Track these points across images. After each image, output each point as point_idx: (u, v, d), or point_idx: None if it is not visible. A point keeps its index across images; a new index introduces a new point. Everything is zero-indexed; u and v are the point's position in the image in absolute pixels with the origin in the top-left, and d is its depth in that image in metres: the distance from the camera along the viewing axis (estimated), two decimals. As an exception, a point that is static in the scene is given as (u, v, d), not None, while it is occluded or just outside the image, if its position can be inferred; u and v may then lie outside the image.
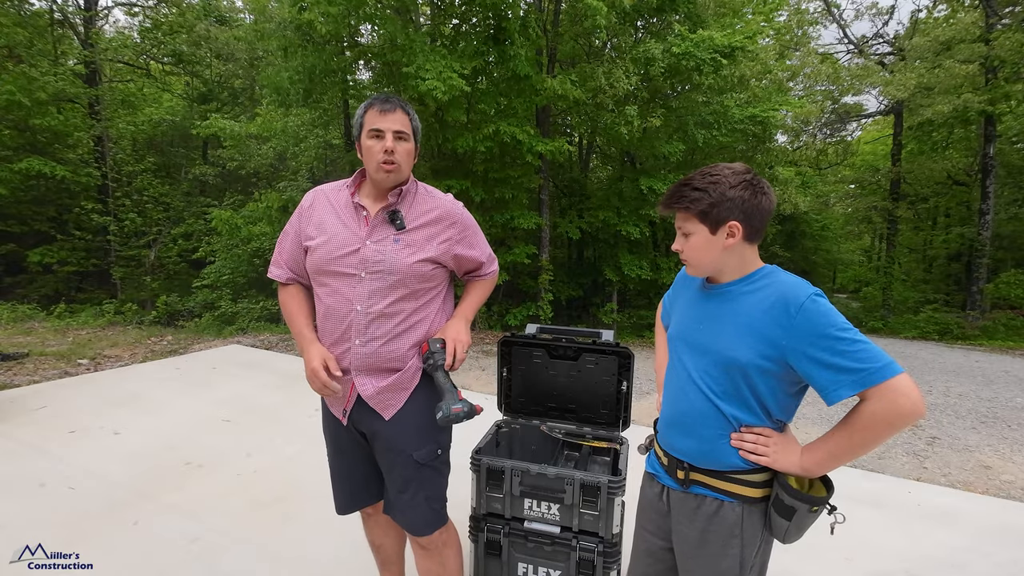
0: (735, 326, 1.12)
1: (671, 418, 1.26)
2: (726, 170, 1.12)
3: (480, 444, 1.95)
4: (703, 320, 1.20)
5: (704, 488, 1.19)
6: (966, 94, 11.16)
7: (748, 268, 1.16)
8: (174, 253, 12.70)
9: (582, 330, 2.10)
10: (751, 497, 1.15)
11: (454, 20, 8.61)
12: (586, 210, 10.49)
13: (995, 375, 6.72)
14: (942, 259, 17.50)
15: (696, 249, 1.15)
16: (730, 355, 1.11)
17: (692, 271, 1.22)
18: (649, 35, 8.67)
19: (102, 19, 13.27)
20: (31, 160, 10.65)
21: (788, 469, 1.11)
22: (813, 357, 1.02)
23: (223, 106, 13.45)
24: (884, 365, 0.97)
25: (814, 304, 1.03)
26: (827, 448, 1.08)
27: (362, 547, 2.26)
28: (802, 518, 1.11)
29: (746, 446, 1.13)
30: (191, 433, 3.51)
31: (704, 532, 1.18)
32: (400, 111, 1.44)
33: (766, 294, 1.10)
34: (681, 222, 1.16)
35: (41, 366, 5.14)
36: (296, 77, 7.61)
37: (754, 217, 1.12)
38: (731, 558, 1.16)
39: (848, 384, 0.99)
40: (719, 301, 1.18)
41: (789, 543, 1.17)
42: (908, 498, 2.97)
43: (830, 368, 1.01)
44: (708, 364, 1.16)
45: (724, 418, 1.14)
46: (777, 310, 1.06)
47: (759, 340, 1.08)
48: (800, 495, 1.09)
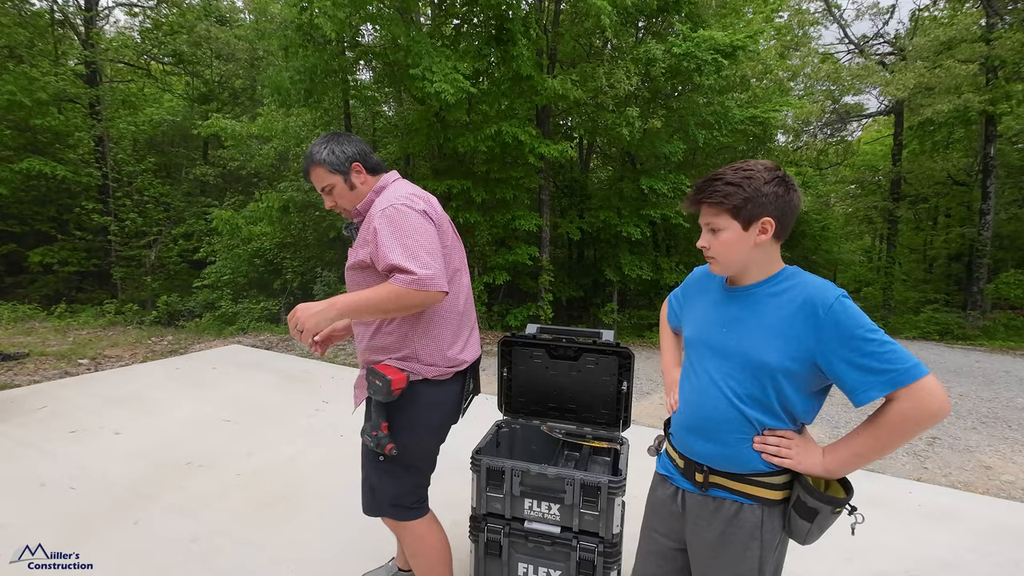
0: (763, 328, 1.11)
1: (690, 422, 1.24)
2: (759, 165, 1.11)
3: (480, 444, 1.94)
4: (727, 323, 1.18)
5: (724, 491, 1.18)
6: (967, 94, 11.14)
7: (773, 268, 1.15)
8: (174, 253, 12.72)
9: (582, 330, 2.09)
10: (771, 499, 1.15)
11: (455, 20, 8.61)
12: (587, 210, 10.49)
13: (995, 375, 6.71)
14: (942, 259, 17.49)
15: (726, 245, 1.12)
16: (759, 358, 1.10)
17: (718, 269, 1.18)
18: (650, 35, 8.67)
19: (103, 19, 13.29)
20: (32, 160, 10.67)
21: (811, 471, 1.11)
22: (843, 358, 1.02)
23: (223, 106, 13.46)
24: (913, 366, 0.98)
25: (842, 306, 1.03)
26: (852, 449, 1.08)
27: (362, 547, 2.26)
28: (824, 519, 1.11)
29: (769, 449, 1.12)
30: (191, 433, 3.51)
31: (723, 535, 1.17)
32: (312, 168, 1.59)
33: (792, 295, 1.09)
34: (710, 217, 1.13)
35: (42, 366, 5.15)
36: (297, 77, 7.61)
37: (786, 214, 1.11)
38: (750, 560, 1.16)
39: (878, 385, 1.00)
40: (743, 303, 1.16)
41: (808, 545, 1.17)
42: (909, 498, 2.96)
43: (860, 369, 1.01)
44: (733, 368, 1.14)
45: (748, 422, 1.13)
46: (806, 312, 1.06)
47: (788, 342, 1.07)
48: (824, 497, 1.09)
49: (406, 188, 1.59)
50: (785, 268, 1.16)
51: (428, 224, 1.49)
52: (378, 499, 1.66)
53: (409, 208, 1.48)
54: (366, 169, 1.61)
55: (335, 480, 2.88)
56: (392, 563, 2.05)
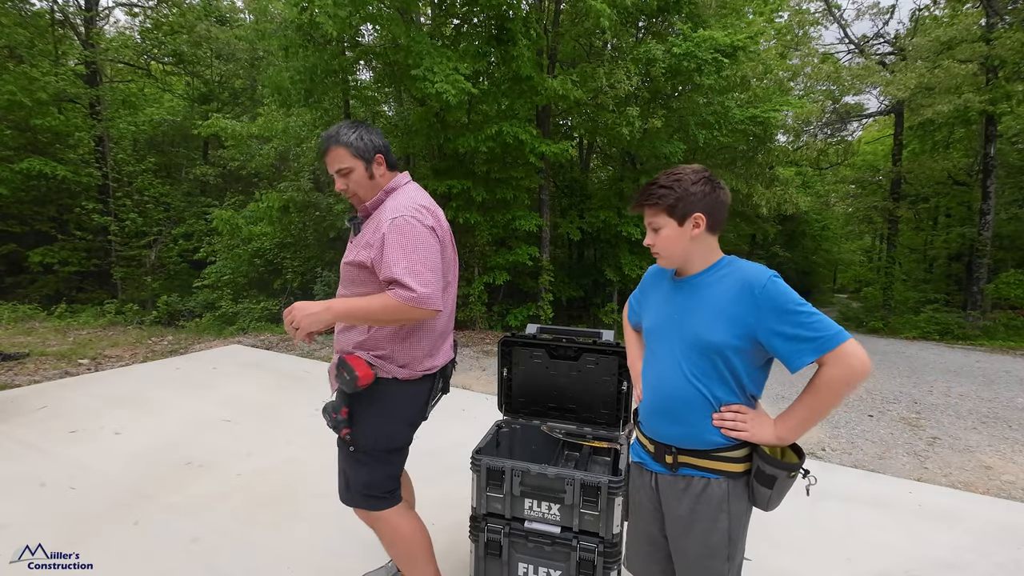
0: (708, 311, 1.24)
1: (655, 406, 1.34)
2: (687, 169, 1.27)
3: (480, 444, 1.94)
4: (677, 311, 1.30)
5: (691, 469, 1.29)
6: (967, 94, 11.14)
7: (712, 258, 1.30)
8: (175, 253, 12.71)
9: (582, 330, 2.09)
10: (735, 472, 1.27)
11: (455, 20, 8.60)
12: (587, 210, 10.49)
13: (995, 375, 6.71)
14: (943, 259, 17.49)
15: (667, 240, 1.28)
16: (707, 338, 1.22)
17: (664, 262, 1.33)
18: (650, 35, 8.67)
19: (103, 19, 13.28)
20: (32, 160, 10.67)
21: (765, 440, 1.23)
22: (777, 331, 1.15)
23: (224, 106, 13.46)
24: (836, 332, 1.12)
25: (774, 284, 1.17)
26: (797, 416, 1.21)
27: (361, 546, 2.26)
28: (782, 484, 1.23)
29: (727, 424, 1.24)
30: (192, 433, 3.51)
31: (693, 510, 1.28)
32: (334, 148, 1.58)
33: (731, 280, 1.23)
34: (651, 217, 1.28)
35: (42, 366, 5.15)
36: (297, 77, 7.60)
37: (715, 210, 1.26)
38: (720, 532, 1.27)
39: (808, 351, 1.13)
40: (689, 292, 1.30)
41: (771, 510, 1.30)
42: (909, 498, 2.96)
43: (792, 339, 1.14)
44: (686, 350, 1.26)
45: (705, 399, 1.25)
46: (743, 293, 1.19)
47: (731, 321, 1.20)
48: (778, 463, 1.22)
49: (416, 196, 1.63)
50: (723, 257, 1.30)
51: (434, 241, 1.55)
52: (352, 488, 1.71)
53: (419, 222, 1.52)
54: (386, 164, 1.66)
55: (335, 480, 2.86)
56: (392, 563, 2.05)
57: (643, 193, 1.28)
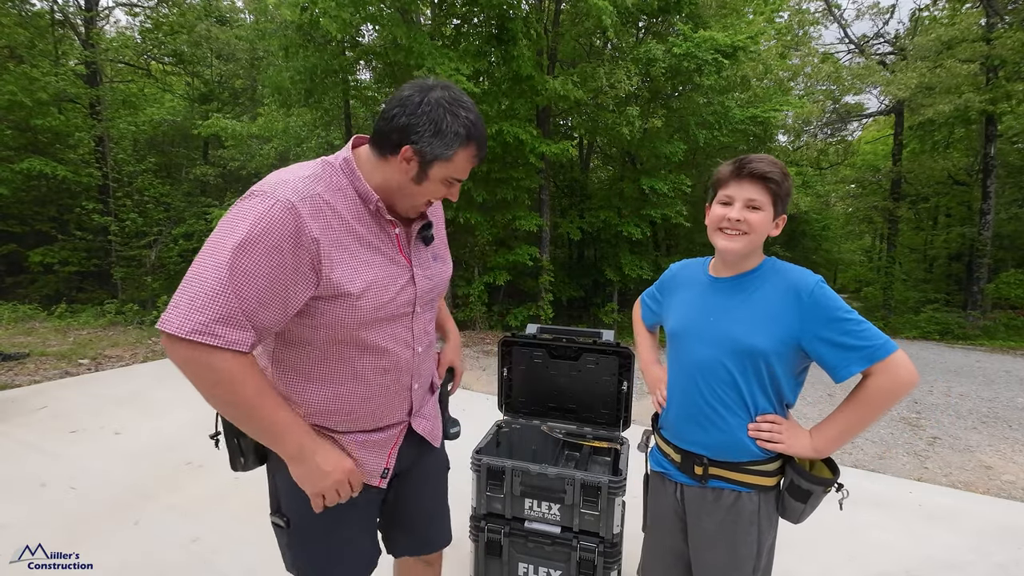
0: (751, 315, 1.17)
1: (685, 413, 1.27)
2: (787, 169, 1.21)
3: (480, 444, 1.94)
4: (714, 312, 1.23)
5: (722, 481, 1.23)
6: (967, 93, 11.14)
7: (759, 260, 1.24)
8: (175, 253, 12.69)
9: (583, 330, 2.09)
10: (766, 486, 1.22)
11: (455, 20, 8.60)
12: (587, 210, 10.50)
13: (996, 375, 6.71)
14: (943, 259, 17.48)
15: (759, 223, 1.16)
16: (749, 343, 1.16)
17: (740, 245, 1.17)
18: (651, 35, 8.67)
19: (103, 19, 13.27)
20: (32, 160, 10.65)
21: (801, 453, 1.17)
22: (824, 338, 1.10)
23: (224, 106, 13.45)
24: (885, 341, 1.08)
25: (821, 290, 1.12)
26: (838, 427, 1.14)
27: (362, 547, 2.26)
28: (816, 499, 1.18)
29: (762, 435, 1.18)
30: (192, 433, 3.50)
31: (723, 523, 1.22)
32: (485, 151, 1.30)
33: (776, 283, 1.18)
34: (755, 194, 1.16)
35: (42, 366, 5.14)
36: (297, 77, 7.61)
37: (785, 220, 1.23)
38: (749, 544, 1.22)
39: (857, 360, 1.08)
40: (730, 293, 1.23)
41: (801, 523, 1.24)
42: (909, 498, 2.96)
43: (840, 347, 1.09)
44: (724, 354, 1.19)
45: (743, 406, 1.19)
46: (789, 298, 1.14)
47: (775, 326, 1.14)
48: (815, 479, 1.16)
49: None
50: (767, 259, 1.24)
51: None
52: None
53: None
54: None
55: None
56: None
57: (757, 165, 1.14)
